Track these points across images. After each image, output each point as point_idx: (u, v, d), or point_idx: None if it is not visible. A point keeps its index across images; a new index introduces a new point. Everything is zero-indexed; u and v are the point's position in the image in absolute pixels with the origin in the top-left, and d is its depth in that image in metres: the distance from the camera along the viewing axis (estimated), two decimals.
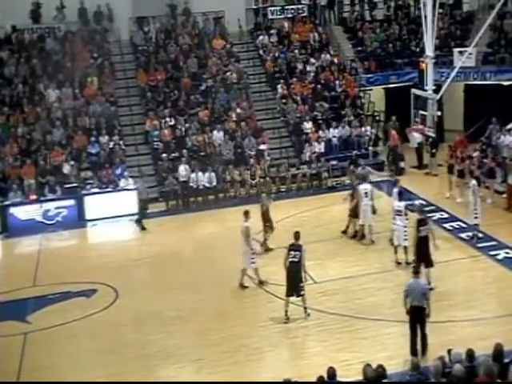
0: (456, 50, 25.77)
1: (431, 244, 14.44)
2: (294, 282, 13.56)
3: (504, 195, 19.86)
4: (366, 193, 17.45)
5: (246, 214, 15.67)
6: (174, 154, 23.22)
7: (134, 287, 16.21)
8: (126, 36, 27.37)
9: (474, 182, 17.52)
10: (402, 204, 16.30)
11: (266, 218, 17.48)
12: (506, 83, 25.83)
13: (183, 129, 24.15)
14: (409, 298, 11.83)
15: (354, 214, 17.63)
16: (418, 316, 11.79)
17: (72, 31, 26.75)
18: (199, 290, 15.54)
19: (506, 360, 8.89)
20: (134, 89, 25.87)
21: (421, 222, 14.56)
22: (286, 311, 13.74)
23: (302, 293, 13.65)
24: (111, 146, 23.03)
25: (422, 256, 14.29)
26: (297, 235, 13.78)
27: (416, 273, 12.17)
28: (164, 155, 22.98)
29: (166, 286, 15.98)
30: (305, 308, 13.85)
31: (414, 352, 11.82)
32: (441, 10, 25.32)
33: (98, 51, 26.34)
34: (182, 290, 15.59)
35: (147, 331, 13.85)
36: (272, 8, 29.15)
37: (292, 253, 13.57)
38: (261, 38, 28.25)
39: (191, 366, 12.31)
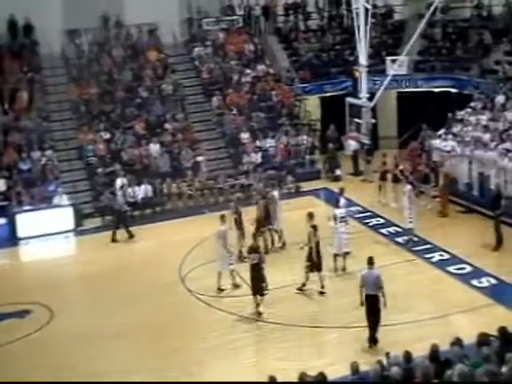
0: (388, 58, 26.25)
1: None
2: (257, 283, 14.08)
3: (437, 199, 20.25)
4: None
5: (222, 217, 16.02)
6: (109, 169, 22.77)
7: (70, 306, 15.82)
8: (58, 49, 26.75)
9: (408, 187, 17.81)
10: (344, 211, 16.41)
11: (239, 225, 17.40)
12: (436, 90, 26.45)
13: (119, 142, 23.75)
14: (364, 288, 12.45)
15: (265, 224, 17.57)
16: (372, 304, 12.36)
17: (0, 44, 26.02)
18: (136, 306, 15.21)
19: (442, 360, 8.95)
20: (66, 103, 25.29)
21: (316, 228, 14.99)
22: (256, 308, 14.26)
23: (265, 292, 14.13)
24: (44, 162, 22.41)
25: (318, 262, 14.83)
26: (254, 237, 15.01)
27: (370, 263, 12.63)
28: (99, 170, 22.52)
29: (103, 303, 15.62)
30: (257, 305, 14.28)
31: (373, 341, 12.50)
32: (373, 20, 25.79)
33: (28, 65, 25.66)
34: (119, 307, 15.25)
35: (84, 350, 13.45)
36: (207, 19, 29.09)
37: (252, 256, 14.23)
38: (196, 49, 28.14)
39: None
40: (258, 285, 14.12)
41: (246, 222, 17.61)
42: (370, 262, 12.72)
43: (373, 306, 12.43)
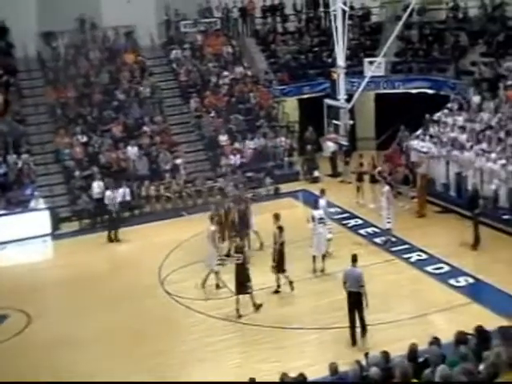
0: (366, 59, 26.36)
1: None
2: (241, 283, 14.23)
3: (415, 200, 20.37)
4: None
5: (212, 218, 16.37)
6: (86, 172, 22.59)
7: (48, 311, 15.67)
8: (33, 52, 26.48)
9: (387, 187, 17.88)
10: (322, 212, 16.42)
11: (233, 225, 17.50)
12: (413, 91, 26.62)
13: (96, 145, 23.57)
14: (347, 284, 12.67)
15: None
16: (354, 301, 12.55)
17: None
18: (115, 310, 15.11)
19: (421, 359, 8.98)
20: (42, 106, 25.04)
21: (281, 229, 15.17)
22: (238, 309, 14.27)
23: (250, 291, 14.29)
24: (20, 166, 22.16)
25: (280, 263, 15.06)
26: (241, 238, 15.46)
27: (354, 261, 12.83)
28: (76, 173, 22.34)
29: (81, 307, 15.44)
30: (254, 304, 14.39)
31: (353, 341, 12.57)
32: (350, 22, 25.84)
33: (4, 68, 25.36)
34: (97, 311, 15.11)
35: (62, 355, 13.32)
36: (184, 22, 29.00)
37: (235, 255, 14.49)
38: (174, 51, 28.03)
39: None
40: (243, 285, 14.22)
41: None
42: (354, 259, 12.90)
43: (355, 303, 12.59)
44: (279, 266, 15.18)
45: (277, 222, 15.48)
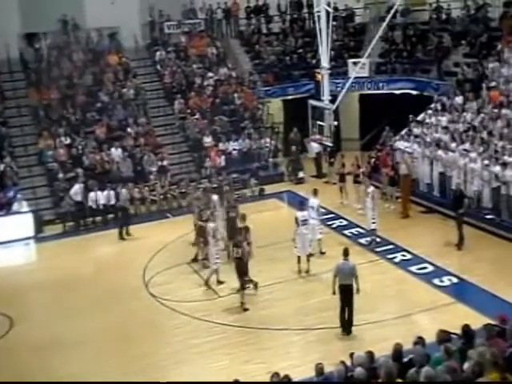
0: (350, 60, 26.43)
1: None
2: (242, 276, 14.56)
3: (399, 200, 20.43)
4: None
5: (212, 214, 16.60)
6: (70, 174, 22.44)
7: (31, 314, 15.57)
8: (16, 53, 26.25)
9: (372, 188, 17.92)
10: (306, 213, 16.43)
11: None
12: (397, 92, 26.73)
13: (79, 147, 23.42)
14: (337, 278, 12.96)
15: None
16: (346, 293, 12.93)
17: None
18: (99, 313, 15.01)
19: (405, 359, 8.99)
20: (25, 108, 24.84)
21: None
22: (242, 303, 14.58)
23: (247, 285, 14.74)
24: (2, 169, 21.96)
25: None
26: (240, 231, 15.15)
27: (346, 255, 13.15)
28: (60, 175, 22.18)
29: (65, 310, 15.35)
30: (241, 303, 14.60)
31: (342, 326, 13.04)
32: (334, 23, 25.88)
33: None
34: (81, 314, 15.00)
35: (46, 359, 13.23)
36: (168, 23, 28.91)
37: (235, 249, 14.70)
38: (158, 53, 27.93)
39: None
40: (241, 278, 14.56)
41: None
42: (346, 253, 13.18)
43: (347, 296, 12.95)
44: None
45: (243, 222, 15.60)
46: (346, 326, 13.07)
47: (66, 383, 11.91)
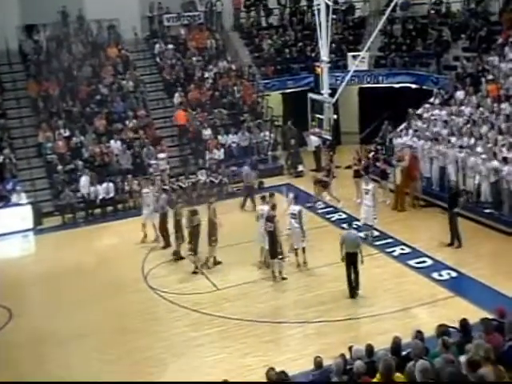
0: (350, 54, 26.32)
1: None
2: (274, 248, 15.33)
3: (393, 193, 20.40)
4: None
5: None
6: (69, 166, 22.44)
7: (30, 306, 15.62)
8: (15, 45, 26.18)
9: (373, 184, 17.86)
10: (298, 207, 16.39)
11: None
12: (397, 86, 26.70)
13: (79, 140, 23.40)
14: (344, 246, 14.25)
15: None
16: (351, 260, 14.24)
17: None
18: (98, 305, 15.02)
19: (404, 353, 9.02)
20: (24, 100, 24.80)
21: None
22: (273, 271, 15.53)
23: (280, 257, 15.44)
24: (1, 160, 21.94)
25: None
26: (274, 207, 15.72)
27: (350, 225, 15.08)
28: (59, 167, 22.17)
29: (64, 302, 15.36)
30: (272, 272, 15.49)
31: (351, 294, 14.26)
32: (334, 16, 25.76)
33: None
34: (80, 306, 14.99)
35: (45, 351, 13.26)
36: (168, 15, 28.82)
37: (268, 223, 15.33)
38: (157, 45, 27.87)
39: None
40: (275, 249, 15.32)
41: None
42: (350, 224, 15.17)
43: (352, 262, 14.22)
44: (195, 248, 16.19)
45: (274, 211, 15.75)
46: (354, 289, 14.26)
47: (66, 383, 11.90)
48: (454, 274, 15.31)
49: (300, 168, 24.40)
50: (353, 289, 14.32)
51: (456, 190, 17.77)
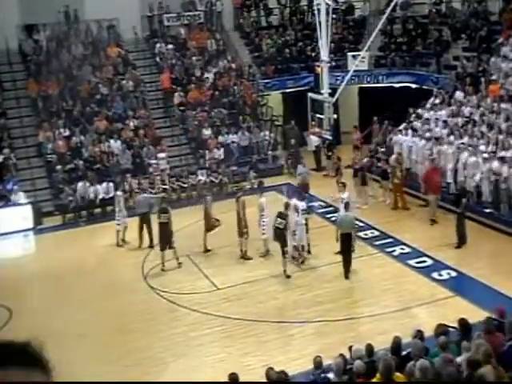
0: (350, 54, 26.34)
1: None
2: (282, 244, 15.45)
3: (397, 194, 20.37)
4: None
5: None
6: (69, 166, 22.44)
7: (30, 306, 15.53)
8: (15, 44, 26.18)
9: (347, 194, 17.81)
10: (305, 204, 16.46)
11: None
12: (397, 85, 26.69)
13: (78, 139, 23.40)
14: (341, 227, 14.87)
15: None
16: (346, 241, 14.86)
17: None
18: (97, 305, 15.01)
19: (404, 352, 9.02)
20: (24, 99, 24.79)
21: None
22: (285, 270, 15.62)
23: (286, 255, 15.53)
24: (1, 160, 21.93)
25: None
26: (286, 205, 15.78)
27: (346, 208, 15.68)
28: (59, 167, 22.17)
29: (64, 302, 15.35)
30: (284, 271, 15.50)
31: (346, 276, 14.97)
32: (334, 16, 25.80)
33: None
34: (80, 306, 14.99)
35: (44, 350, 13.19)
36: (168, 15, 28.81)
37: (278, 219, 15.44)
38: (158, 45, 27.86)
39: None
40: (282, 247, 15.43)
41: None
42: (346, 206, 15.65)
43: (347, 243, 14.87)
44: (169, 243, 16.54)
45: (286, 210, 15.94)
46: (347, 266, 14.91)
47: (66, 383, 11.86)
48: (453, 274, 15.31)
49: None
50: (346, 271, 14.99)
51: (461, 190, 17.71)
